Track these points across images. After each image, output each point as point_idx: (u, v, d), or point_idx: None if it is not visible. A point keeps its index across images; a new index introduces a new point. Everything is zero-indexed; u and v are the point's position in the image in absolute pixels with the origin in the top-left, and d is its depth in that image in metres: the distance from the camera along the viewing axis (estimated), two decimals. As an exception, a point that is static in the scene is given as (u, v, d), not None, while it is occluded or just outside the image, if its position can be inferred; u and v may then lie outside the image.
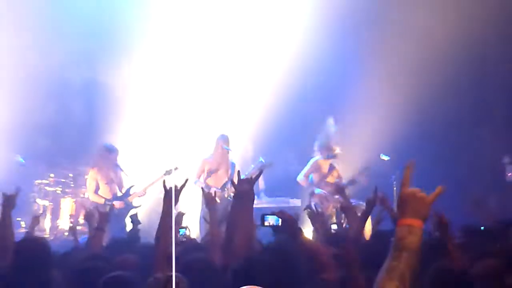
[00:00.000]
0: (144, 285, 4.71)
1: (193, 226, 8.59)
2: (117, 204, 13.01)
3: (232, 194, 12.67)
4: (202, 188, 12.00)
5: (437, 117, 15.70)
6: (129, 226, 10.44)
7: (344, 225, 9.04)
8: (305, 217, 8.88)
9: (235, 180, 6.16)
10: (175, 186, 5.86)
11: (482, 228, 8.04)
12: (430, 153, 15.03)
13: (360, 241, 6.91)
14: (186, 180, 6.01)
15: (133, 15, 15.56)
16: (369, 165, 13.40)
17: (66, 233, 13.61)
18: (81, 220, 13.72)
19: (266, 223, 5.79)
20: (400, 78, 15.55)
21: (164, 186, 5.99)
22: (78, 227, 13.59)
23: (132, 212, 12.19)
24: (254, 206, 12.26)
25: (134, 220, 8.94)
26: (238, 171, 7.11)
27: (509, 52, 15.14)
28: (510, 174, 14.64)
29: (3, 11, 15.06)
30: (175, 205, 6.26)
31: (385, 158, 13.65)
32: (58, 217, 14.05)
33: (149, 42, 16.11)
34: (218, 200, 12.41)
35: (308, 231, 8.15)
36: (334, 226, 8.97)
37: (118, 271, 5.38)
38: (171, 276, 4.09)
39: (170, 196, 5.69)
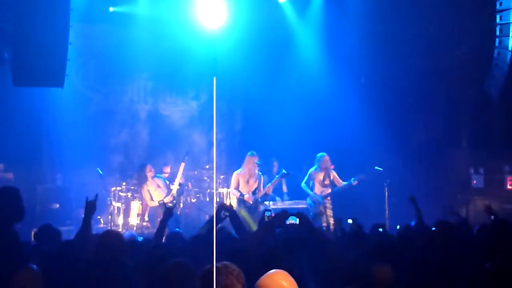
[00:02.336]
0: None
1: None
2: (167, 199, 13.16)
3: (261, 196, 12.84)
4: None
5: (420, 138, 15.64)
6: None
7: None
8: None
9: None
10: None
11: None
12: (414, 165, 15.00)
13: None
14: (228, 192, 6.09)
15: (187, 63, 15.73)
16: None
17: (135, 228, 13.72)
18: (146, 217, 13.87)
19: (287, 222, 5.86)
20: (388, 108, 15.53)
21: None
22: (144, 223, 13.78)
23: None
24: (278, 206, 12.43)
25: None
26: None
27: (473, 79, 14.75)
28: (475, 181, 14.57)
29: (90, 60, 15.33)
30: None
31: (379, 169, 13.58)
32: (128, 215, 14.07)
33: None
34: (251, 202, 12.60)
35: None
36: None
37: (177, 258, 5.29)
38: (223, 265, 3.83)
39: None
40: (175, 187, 13.46)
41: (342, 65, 15.83)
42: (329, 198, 13.38)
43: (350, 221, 8.47)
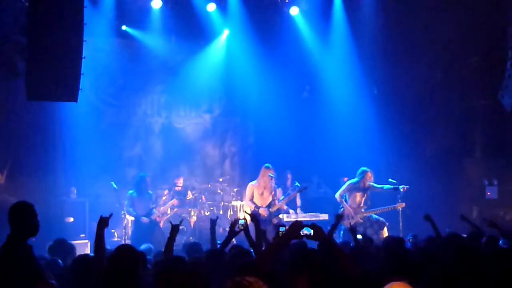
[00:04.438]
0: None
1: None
2: (144, 219, 13.28)
3: (275, 210, 12.78)
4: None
5: (433, 150, 15.60)
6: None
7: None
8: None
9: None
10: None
11: None
12: (427, 177, 14.94)
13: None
14: (242, 204, 6.08)
15: (200, 76, 15.85)
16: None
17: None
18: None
19: (301, 233, 5.81)
20: (401, 119, 15.53)
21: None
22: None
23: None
24: (292, 219, 12.29)
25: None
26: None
27: (487, 88, 14.63)
28: (489, 193, 14.49)
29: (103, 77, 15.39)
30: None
31: (393, 181, 13.51)
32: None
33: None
34: (265, 215, 12.57)
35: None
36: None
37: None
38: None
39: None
40: (155, 215, 13.52)
41: (355, 76, 15.85)
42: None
43: (359, 236, 8.43)
